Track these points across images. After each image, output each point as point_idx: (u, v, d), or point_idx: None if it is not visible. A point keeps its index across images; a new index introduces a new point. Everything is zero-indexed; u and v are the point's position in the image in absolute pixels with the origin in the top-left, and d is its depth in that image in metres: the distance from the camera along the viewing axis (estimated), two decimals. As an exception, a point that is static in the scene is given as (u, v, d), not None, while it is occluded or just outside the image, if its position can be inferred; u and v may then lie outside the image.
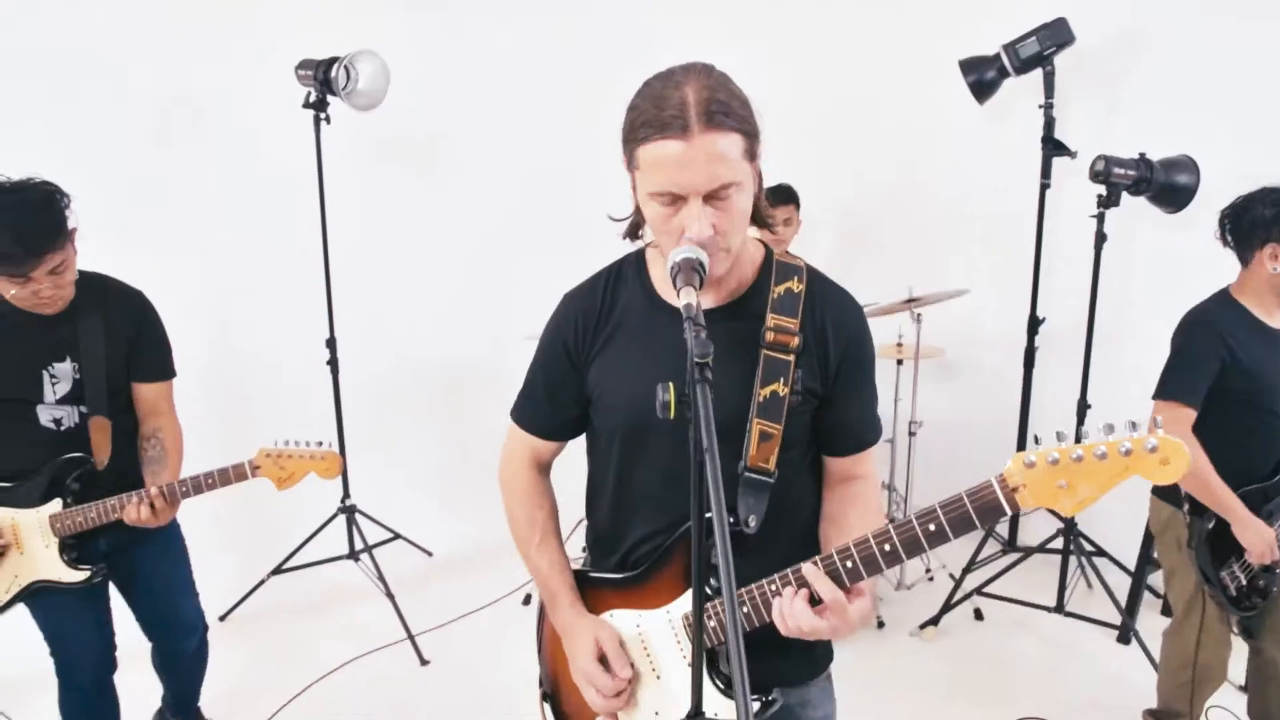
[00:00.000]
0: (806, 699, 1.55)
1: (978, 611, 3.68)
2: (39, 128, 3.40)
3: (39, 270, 2.03)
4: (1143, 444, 1.08)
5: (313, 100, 3.46)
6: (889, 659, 3.43)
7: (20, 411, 2.22)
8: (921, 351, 3.97)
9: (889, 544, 1.23)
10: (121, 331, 2.30)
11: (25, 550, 2.27)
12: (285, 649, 3.58)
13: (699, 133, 1.22)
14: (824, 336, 1.42)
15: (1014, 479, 1.15)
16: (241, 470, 2.19)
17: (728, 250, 1.31)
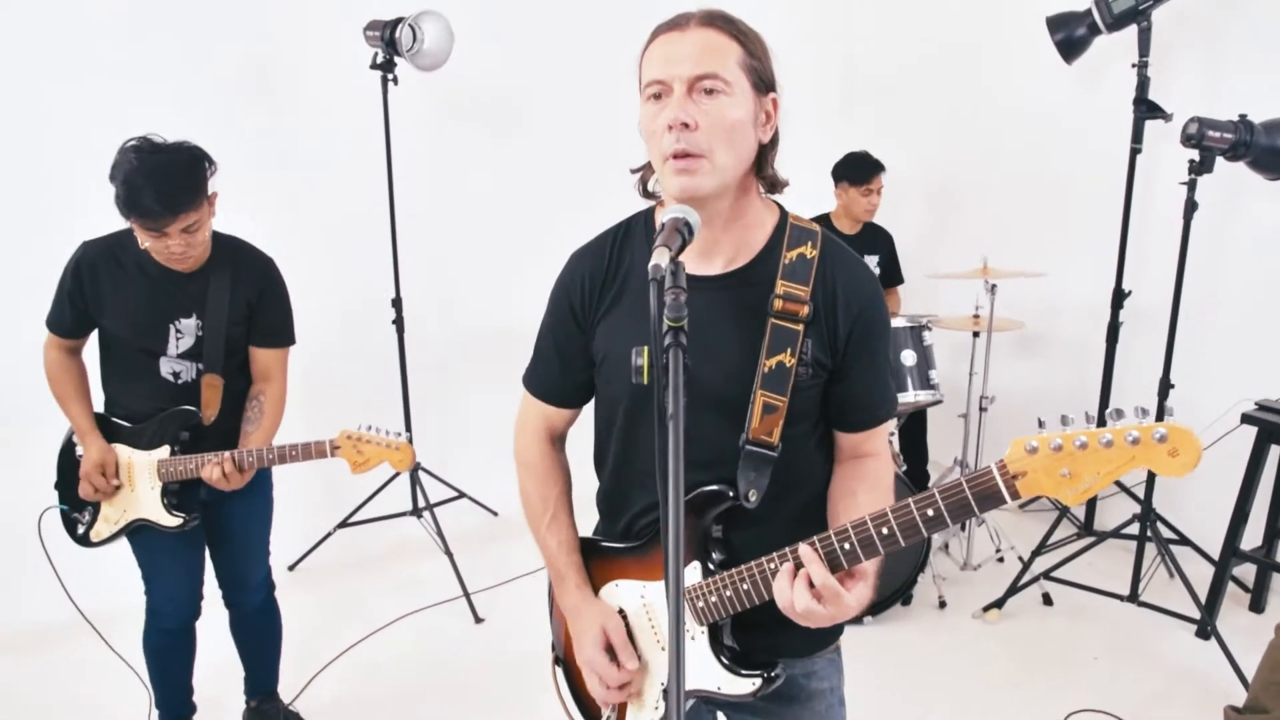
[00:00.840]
0: (812, 670, 1.50)
1: (1046, 596, 3.53)
2: (125, 87, 3.50)
3: (173, 226, 2.13)
4: (1150, 433, 0.99)
5: (380, 61, 3.49)
6: (948, 640, 3.33)
7: (145, 361, 2.34)
8: (998, 324, 3.81)
9: (886, 527, 1.18)
10: (244, 294, 2.38)
11: (135, 489, 2.41)
12: (346, 601, 3.68)
13: (694, 27, 1.26)
14: (834, 306, 1.35)
15: (1015, 465, 1.08)
16: (322, 448, 2.26)
17: (708, 159, 1.24)
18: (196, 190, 2.16)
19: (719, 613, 1.35)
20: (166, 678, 2.60)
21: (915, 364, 3.48)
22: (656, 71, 1.25)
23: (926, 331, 3.55)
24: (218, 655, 2.83)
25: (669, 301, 1.08)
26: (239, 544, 2.63)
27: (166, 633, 2.53)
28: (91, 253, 2.31)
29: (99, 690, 2.96)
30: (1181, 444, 0.98)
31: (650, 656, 1.46)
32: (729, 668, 1.37)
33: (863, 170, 4.12)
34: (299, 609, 3.62)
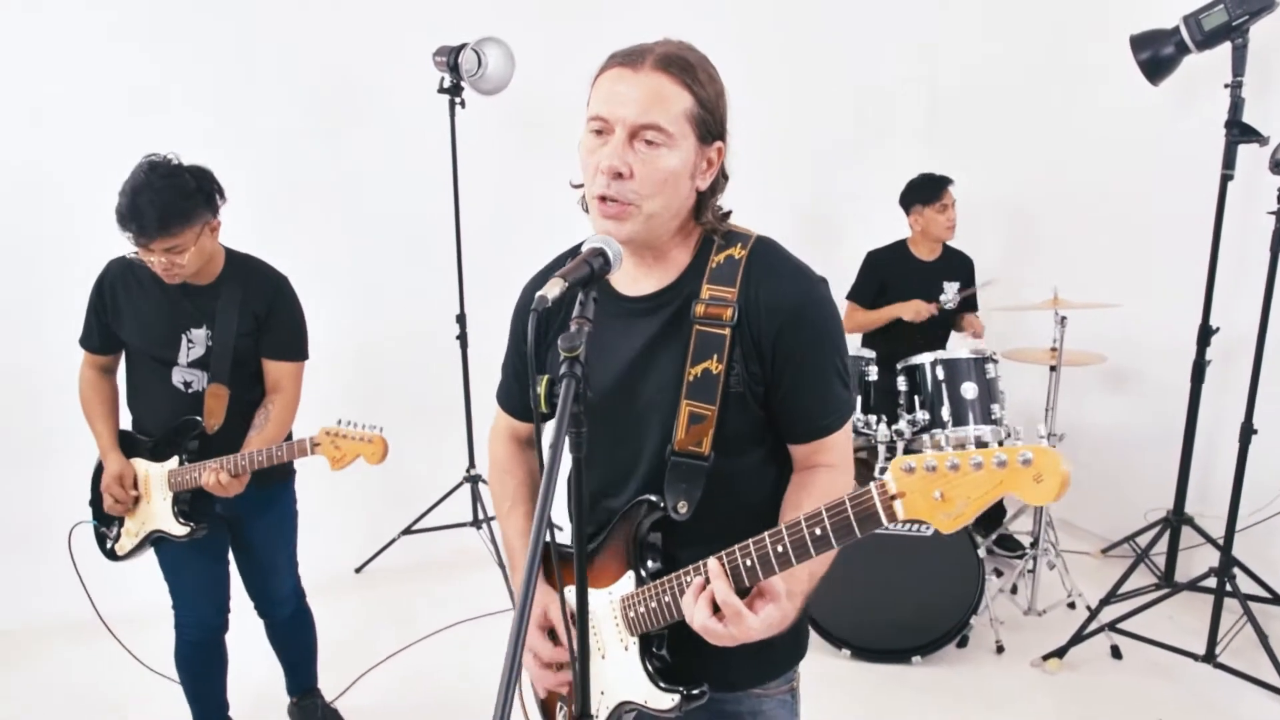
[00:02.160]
0: (759, 710, 1.45)
1: (1115, 649, 3.31)
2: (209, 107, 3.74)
3: (156, 245, 2.23)
4: (1016, 456, 0.95)
5: (447, 85, 3.60)
6: (1002, 687, 3.17)
7: (159, 371, 2.45)
8: (1076, 358, 3.61)
9: (781, 544, 1.15)
10: (253, 308, 2.47)
11: (151, 501, 2.51)
12: (403, 605, 3.80)
13: (648, 69, 1.23)
14: (758, 310, 1.30)
15: (893, 486, 1.03)
16: (303, 446, 2.31)
17: (637, 208, 1.25)
18: (184, 218, 2.24)
19: (648, 623, 1.33)
20: (198, 690, 2.69)
21: (976, 397, 3.34)
22: (602, 108, 1.25)
23: (991, 364, 3.41)
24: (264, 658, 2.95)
25: (570, 331, 1.10)
26: (263, 559, 2.72)
27: (192, 645, 2.62)
28: (113, 269, 2.47)
29: (140, 701, 3.09)
30: (1046, 469, 0.94)
31: (591, 664, 1.44)
32: (652, 680, 1.34)
33: (932, 187, 3.99)
34: (359, 610, 3.80)
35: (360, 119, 4.02)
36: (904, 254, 4.14)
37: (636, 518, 1.36)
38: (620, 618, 1.38)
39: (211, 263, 2.43)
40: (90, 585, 2.73)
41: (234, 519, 2.61)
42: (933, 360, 3.42)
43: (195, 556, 2.53)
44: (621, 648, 1.38)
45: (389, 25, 4.03)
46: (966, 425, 3.34)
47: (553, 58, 4.06)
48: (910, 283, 4.09)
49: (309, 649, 2.96)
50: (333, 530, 4.08)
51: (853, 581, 3.26)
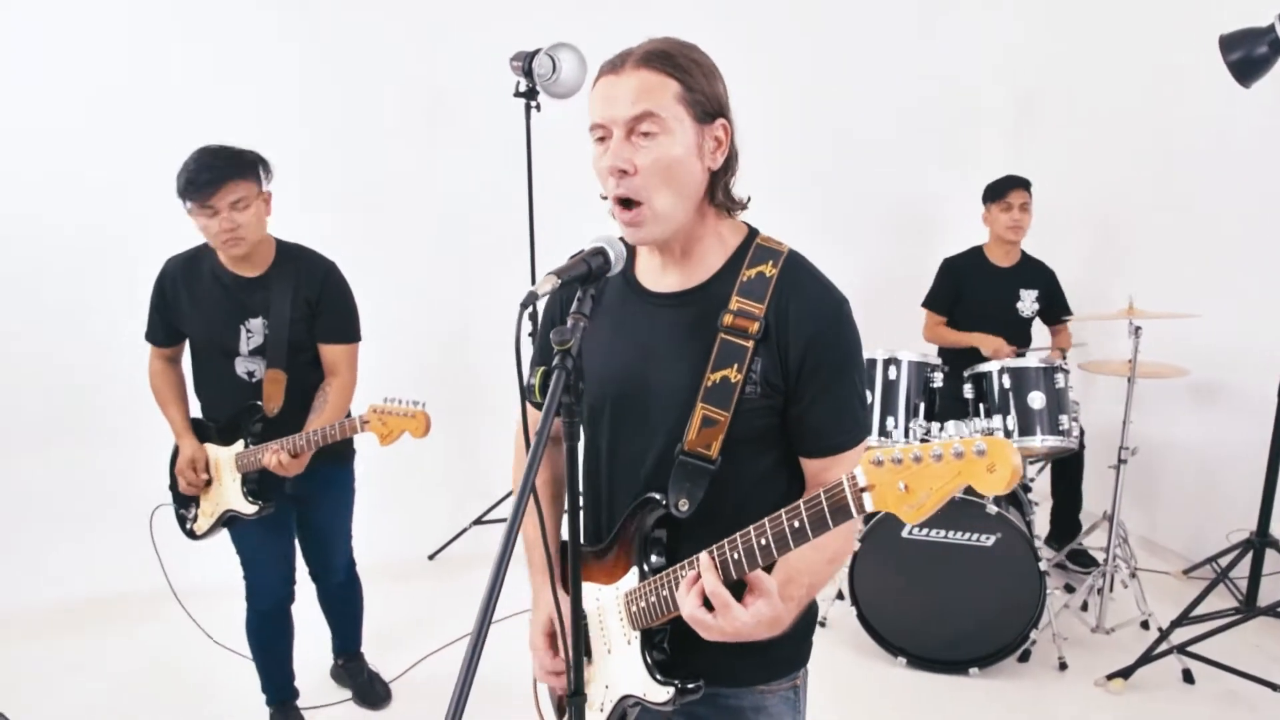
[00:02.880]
0: (762, 705, 1.47)
1: (1187, 674, 3.18)
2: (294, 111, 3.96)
3: (220, 199, 2.38)
4: (971, 447, 0.97)
5: (522, 90, 3.71)
6: (1061, 705, 3.09)
7: (222, 362, 2.61)
8: (1158, 370, 3.49)
9: (764, 537, 1.19)
10: (304, 294, 2.61)
11: (222, 483, 2.68)
12: (469, 594, 3.92)
13: (630, 69, 1.28)
14: (786, 328, 1.33)
15: (862, 479, 1.06)
16: (354, 424, 2.42)
17: (648, 205, 1.29)
18: (243, 165, 2.43)
19: (649, 618, 1.37)
20: (267, 659, 2.87)
21: (1044, 407, 3.26)
22: (597, 115, 1.30)
23: (1061, 374, 3.32)
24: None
25: (566, 325, 1.16)
26: (323, 534, 2.93)
27: (262, 614, 2.80)
28: (172, 267, 2.64)
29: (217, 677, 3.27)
30: (998, 458, 0.96)
31: (598, 659, 1.49)
32: (650, 672, 1.38)
33: (1000, 186, 3.93)
34: (428, 595, 3.95)
35: (443, 121, 4.19)
36: (980, 260, 4.07)
37: (641, 514, 1.40)
38: (624, 612, 1.42)
39: (263, 252, 2.58)
40: (167, 563, 2.91)
41: (299, 498, 2.77)
42: (1000, 368, 3.36)
43: (265, 532, 2.70)
44: (625, 642, 1.43)
45: (471, 31, 4.19)
46: (1033, 436, 3.27)
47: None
48: (986, 290, 4.02)
49: (356, 614, 3.17)
50: (409, 518, 4.28)
51: (911, 590, 3.23)
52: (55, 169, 3.87)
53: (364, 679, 3.18)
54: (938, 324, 4.12)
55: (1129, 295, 3.29)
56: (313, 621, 3.11)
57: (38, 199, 3.88)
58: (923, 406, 3.40)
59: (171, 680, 3.32)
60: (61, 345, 3.96)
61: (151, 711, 3.13)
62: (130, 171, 3.85)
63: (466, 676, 0.94)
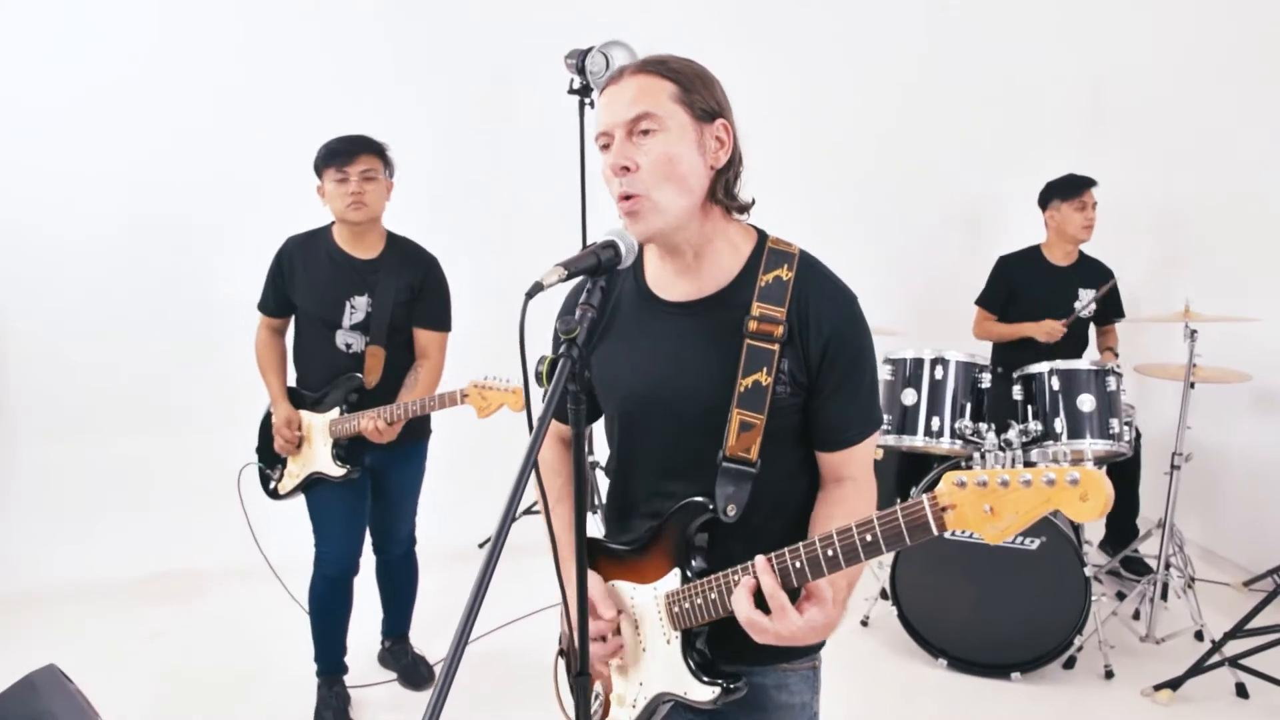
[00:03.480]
0: (784, 683, 1.51)
1: (1241, 688, 3.10)
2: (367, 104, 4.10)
3: (354, 166, 2.73)
4: (1064, 475, 1.01)
5: (576, 87, 3.77)
6: (1105, 714, 3.04)
7: (324, 334, 2.86)
8: (1218, 375, 3.40)
9: (831, 549, 1.21)
10: (409, 280, 2.88)
11: (313, 446, 2.92)
12: (516, 582, 3.99)
13: (626, 78, 1.35)
14: (806, 326, 1.37)
15: (945, 499, 1.10)
16: (454, 396, 2.67)
17: (648, 199, 1.32)
18: (375, 145, 2.80)
19: (693, 619, 1.40)
20: (325, 627, 3.01)
21: (1094, 410, 3.20)
22: (601, 124, 1.36)
23: (1114, 377, 3.25)
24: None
25: (574, 315, 1.21)
26: (393, 502, 3.12)
27: (328, 580, 2.96)
28: (291, 244, 2.92)
29: (270, 637, 3.47)
30: (1091, 489, 1.00)
31: (632, 658, 1.53)
32: (694, 673, 1.42)
33: (1073, 184, 3.84)
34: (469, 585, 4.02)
35: (499, 118, 4.30)
36: (1037, 259, 4.00)
37: (686, 518, 1.43)
38: (664, 612, 1.45)
39: (375, 238, 2.88)
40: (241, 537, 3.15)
41: (377, 470, 2.99)
42: (1050, 370, 3.30)
43: (342, 500, 2.92)
44: (664, 641, 1.46)
45: (531, 29, 4.27)
46: (1082, 439, 3.21)
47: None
48: (1042, 289, 3.95)
49: (410, 592, 3.33)
50: (462, 506, 4.38)
51: (953, 591, 3.21)
52: (148, 164, 4.10)
53: (408, 660, 3.29)
54: (986, 320, 4.07)
55: (1185, 298, 3.21)
56: (365, 605, 3.22)
57: (135, 194, 4.12)
58: (969, 407, 3.36)
59: (227, 653, 3.48)
60: (151, 331, 4.19)
61: (208, 681, 3.29)
62: (219, 165, 4.09)
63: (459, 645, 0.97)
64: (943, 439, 3.36)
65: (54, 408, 4.14)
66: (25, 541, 4.06)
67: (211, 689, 3.24)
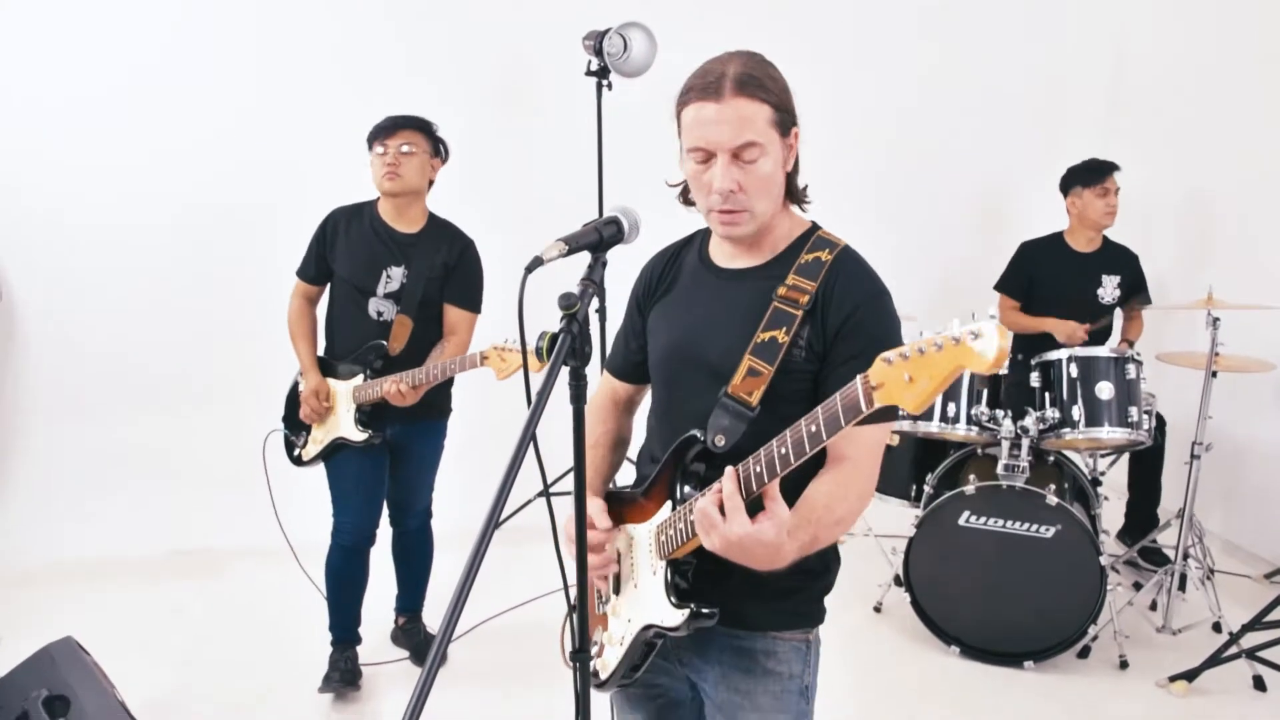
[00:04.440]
0: (773, 650, 1.53)
1: (1259, 680, 3.07)
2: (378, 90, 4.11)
3: (394, 141, 2.85)
4: (967, 331, 1.04)
5: (594, 69, 3.75)
6: (1119, 704, 3.03)
7: (359, 300, 2.95)
8: (1241, 364, 3.36)
9: (784, 446, 1.27)
10: (444, 258, 2.97)
11: (336, 413, 3.01)
12: (529, 563, 4.01)
13: (729, 97, 1.38)
14: (830, 299, 1.44)
15: (874, 377, 1.14)
16: (474, 359, 2.74)
17: (749, 212, 1.43)
18: (420, 124, 2.91)
19: (675, 543, 1.43)
20: (340, 596, 3.06)
21: (1112, 398, 3.17)
22: (699, 140, 1.41)
23: (1133, 365, 3.21)
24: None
25: (575, 291, 1.26)
26: (411, 475, 3.18)
27: (344, 550, 3.02)
28: (336, 214, 3.03)
29: (290, 615, 3.50)
30: (985, 332, 1.02)
31: (625, 595, 1.58)
32: (667, 593, 1.45)
33: (1095, 170, 3.79)
34: (490, 564, 4.00)
35: (516, 100, 4.29)
36: (1059, 245, 3.95)
37: (681, 451, 1.49)
38: (653, 543, 1.50)
39: (416, 214, 2.99)
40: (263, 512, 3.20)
41: (397, 444, 3.05)
42: (1069, 357, 3.27)
43: (360, 470, 3.00)
44: (650, 572, 1.50)
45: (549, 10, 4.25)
46: (1100, 427, 3.18)
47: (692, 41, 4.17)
48: (1064, 276, 3.91)
49: (424, 569, 3.36)
50: (480, 485, 4.38)
51: (967, 579, 3.20)
52: (176, 145, 4.14)
53: (420, 639, 3.33)
54: (1010, 308, 4.03)
55: (1209, 285, 3.16)
56: (382, 586, 3.26)
57: (170, 172, 4.16)
58: (986, 393, 3.33)
59: (244, 630, 3.53)
60: (170, 309, 4.23)
61: (225, 657, 3.34)
62: (250, 149, 4.13)
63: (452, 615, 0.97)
64: (959, 425, 3.34)
65: (75, 386, 4.19)
66: (47, 518, 4.12)
67: (231, 665, 3.29)
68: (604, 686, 1.60)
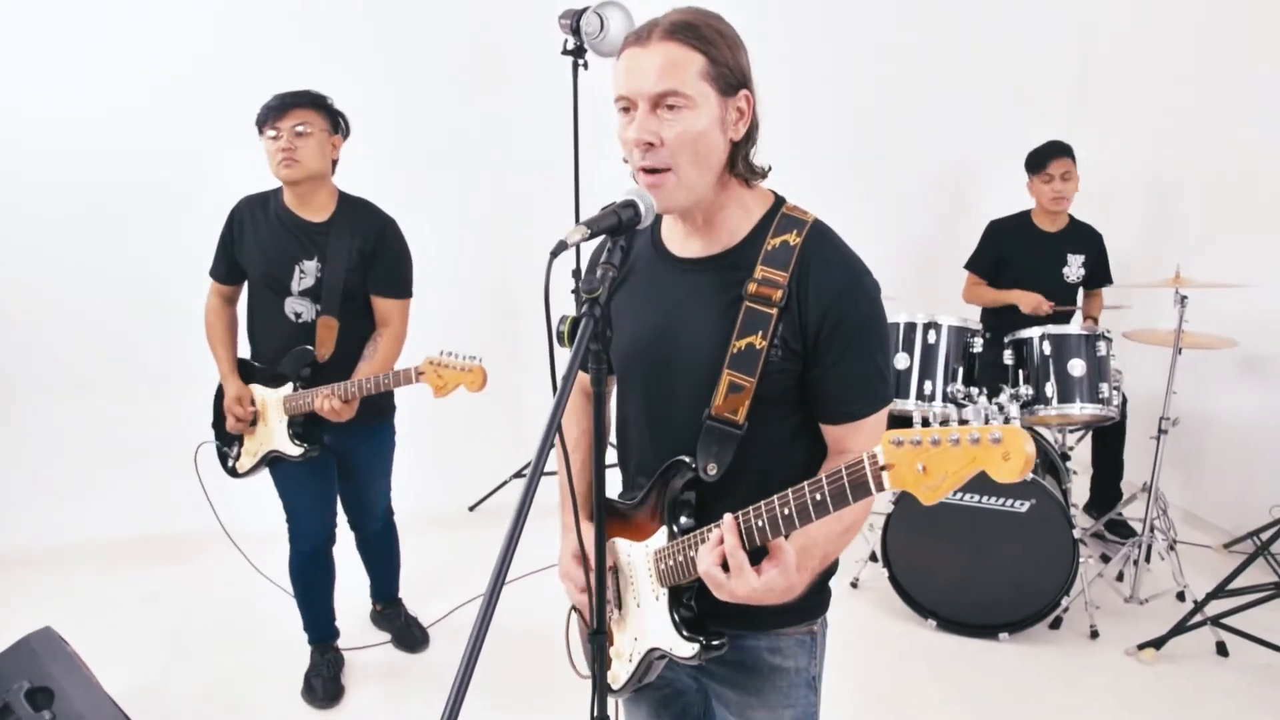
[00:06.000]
0: (778, 647, 1.52)
1: (1221, 646, 3.17)
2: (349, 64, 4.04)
3: (286, 122, 2.56)
4: (987, 435, 0.99)
5: (570, 48, 3.73)
6: (1091, 673, 3.11)
7: (274, 300, 2.70)
8: (1204, 341, 3.44)
9: (788, 508, 1.21)
10: (361, 244, 2.70)
11: (268, 424, 2.78)
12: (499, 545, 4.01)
13: (655, 41, 1.29)
14: (806, 296, 1.35)
15: (882, 458, 1.09)
16: (409, 374, 2.48)
17: (674, 173, 1.31)
18: (312, 100, 2.63)
19: (677, 576, 1.41)
20: (308, 598, 2.98)
21: (1084, 375, 3.24)
22: (622, 87, 1.32)
23: (1104, 342, 3.29)
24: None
25: (596, 275, 1.21)
26: (363, 482, 3.01)
27: (303, 555, 2.91)
28: (243, 204, 2.78)
29: (267, 599, 3.36)
30: (1012, 448, 0.98)
31: (628, 612, 1.55)
32: (678, 629, 1.43)
33: (1039, 156, 3.87)
34: (468, 546, 4.06)
35: (492, 78, 4.26)
36: (1026, 224, 4.02)
37: (671, 477, 1.44)
38: (653, 569, 1.46)
39: (324, 198, 2.71)
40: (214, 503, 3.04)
41: (340, 449, 2.86)
42: (1041, 335, 3.34)
43: (307, 477, 2.81)
44: (653, 598, 1.48)
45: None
46: (1072, 403, 3.25)
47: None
48: (1031, 255, 3.98)
49: (393, 562, 3.29)
50: (452, 470, 4.39)
51: (944, 553, 3.26)
52: (102, 122, 4.03)
53: (402, 622, 3.30)
54: (977, 284, 4.10)
55: (1176, 264, 3.24)
56: (355, 566, 3.23)
57: (88, 151, 4.04)
58: (961, 371, 3.39)
59: (221, 615, 3.48)
60: (110, 293, 4.15)
61: (202, 644, 3.29)
62: (178, 125, 4.01)
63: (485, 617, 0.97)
64: (935, 403, 3.39)
65: (36, 369, 4.11)
66: (14, 503, 4.02)
67: (210, 651, 3.25)
68: (614, 694, 1.58)
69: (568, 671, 1.69)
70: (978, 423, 1.02)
